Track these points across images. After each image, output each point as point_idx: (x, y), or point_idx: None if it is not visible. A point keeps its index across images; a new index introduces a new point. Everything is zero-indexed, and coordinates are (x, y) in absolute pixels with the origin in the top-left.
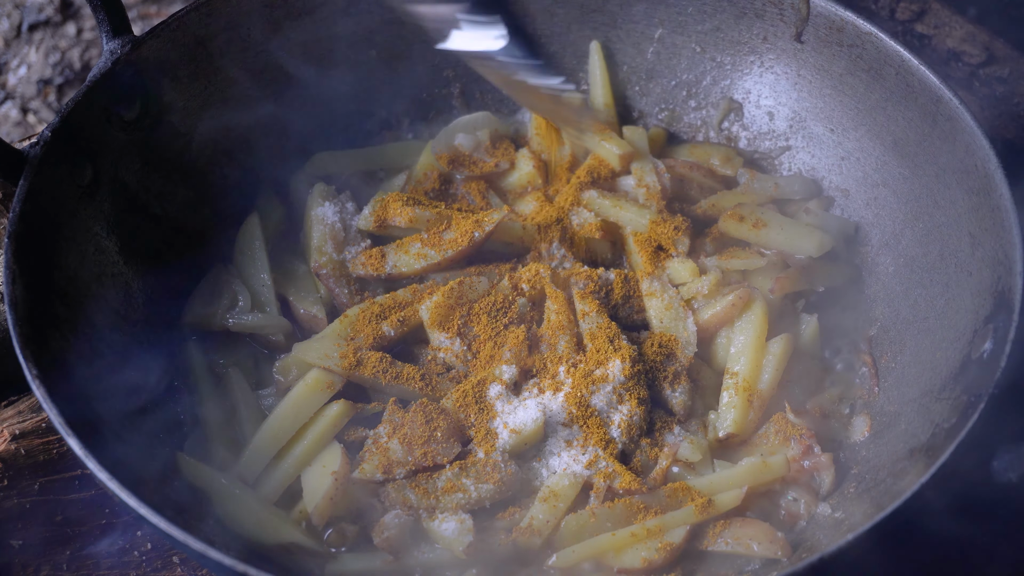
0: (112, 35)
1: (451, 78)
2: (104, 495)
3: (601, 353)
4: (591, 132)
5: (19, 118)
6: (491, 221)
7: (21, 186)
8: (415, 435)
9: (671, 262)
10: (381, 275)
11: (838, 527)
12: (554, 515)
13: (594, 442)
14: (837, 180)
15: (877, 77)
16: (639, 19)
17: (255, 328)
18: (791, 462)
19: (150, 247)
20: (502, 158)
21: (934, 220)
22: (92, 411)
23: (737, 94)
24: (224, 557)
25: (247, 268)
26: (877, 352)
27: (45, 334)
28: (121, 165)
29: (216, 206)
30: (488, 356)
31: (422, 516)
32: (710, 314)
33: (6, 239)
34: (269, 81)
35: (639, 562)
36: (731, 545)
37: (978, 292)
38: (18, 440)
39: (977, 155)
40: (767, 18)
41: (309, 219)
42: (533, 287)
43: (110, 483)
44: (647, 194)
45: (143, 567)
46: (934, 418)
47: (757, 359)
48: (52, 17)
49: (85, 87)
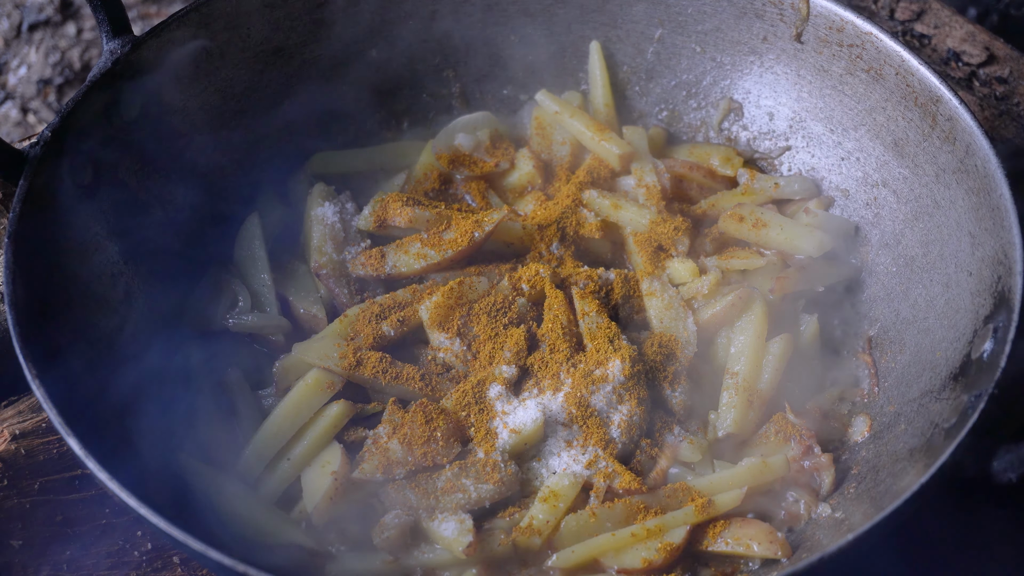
0: (112, 35)
1: (451, 78)
2: (104, 495)
3: (601, 353)
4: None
5: (19, 118)
6: (491, 221)
7: (21, 186)
8: (415, 435)
9: (671, 262)
10: (381, 275)
11: (838, 527)
12: (554, 515)
13: (594, 442)
14: (837, 180)
15: (877, 77)
16: (639, 19)
17: (255, 328)
18: (791, 462)
19: (150, 247)
20: (502, 158)
21: (934, 220)
22: (92, 411)
23: (737, 94)
24: (224, 557)
25: (247, 268)
26: (877, 352)
27: (45, 334)
28: (121, 165)
29: (216, 206)
30: (488, 356)
31: (422, 516)
32: (710, 314)
33: (6, 239)
34: (269, 81)
35: (639, 562)
36: (731, 545)
37: (978, 292)
38: (18, 440)
39: (977, 155)
40: (767, 18)
41: (309, 219)
42: (533, 287)
43: (110, 483)
44: (647, 194)
45: (143, 567)
46: (934, 418)
47: (757, 359)
48: (52, 17)
49: (85, 87)
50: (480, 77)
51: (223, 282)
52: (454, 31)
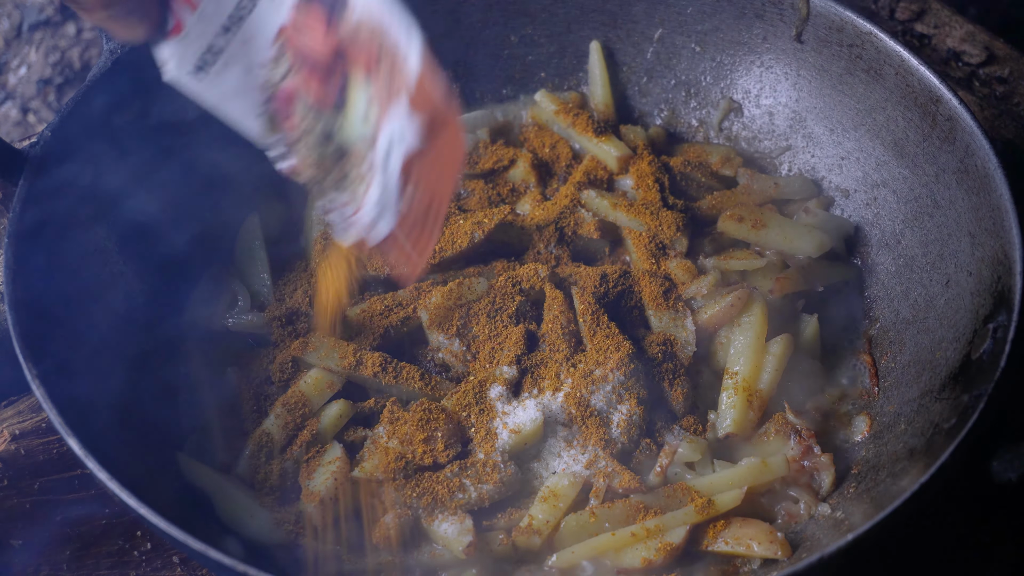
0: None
1: (450, 78)
2: (104, 495)
3: (601, 353)
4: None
5: (19, 118)
6: (490, 221)
7: (21, 186)
8: (415, 435)
9: (670, 262)
10: (381, 275)
11: (838, 527)
12: (554, 515)
13: (594, 442)
14: (837, 180)
15: (877, 77)
16: (639, 19)
17: (255, 328)
18: (791, 462)
19: (150, 247)
20: (501, 158)
21: (934, 220)
22: (92, 411)
23: (737, 94)
24: (224, 557)
25: (247, 268)
26: (877, 352)
27: (45, 334)
28: (121, 165)
29: (216, 206)
30: (488, 356)
31: (422, 516)
32: (710, 314)
33: (6, 239)
34: None
35: (639, 562)
36: (731, 545)
37: (978, 292)
38: (18, 440)
39: (977, 155)
40: (767, 18)
41: (309, 219)
42: (532, 287)
43: (110, 483)
44: (646, 194)
45: (143, 567)
46: (934, 418)
47: (757, 359)
48: (52, 17)
49: (85, 87)
50: (480, 76)
51: (223, 282)
52: (454, 31)
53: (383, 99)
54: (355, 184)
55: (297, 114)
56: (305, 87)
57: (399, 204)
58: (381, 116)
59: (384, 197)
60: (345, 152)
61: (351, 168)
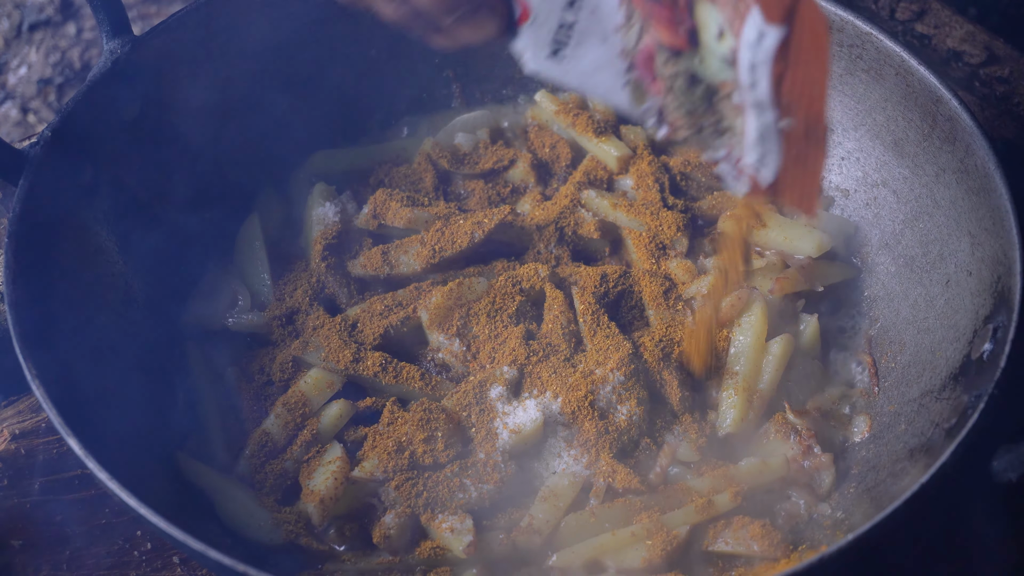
0: (112, 35)
1: (451, 78)
2: (104, 495)
3: (601, 353)
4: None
5: (19, 118)
6: (490, 221)
7: (21, 186)
8: (415, 435)
9: (670, 262)
10: (381, 275)
11: (838, 527)
12: (554, 515)
13: (594, 442)
14: (837, 180)
15: (877, 77)
16: None
17: (255, 328)
18: (791, 462)
19: (150, 247)
20: (501, 157)
21: (934, 220)
22: (92, 412)
23: None
24: (224, 557)
25: (247, 268)
26: (877, 352)
27: (45, 334)
28: (121, 165)
29: (216, 206)
30: (488, 356)
31: (422, 516)
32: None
33: (6, 239)
34: (269, 81)
35: (639, 562)
36: (731, 545)
37: (978, 292)
38: (18, 440)
39: (977, 155)
40: None
41: (309, 219)
42: (532, 287)
43: (110, 483)
44: (646, 194)
45: (143, 567)
46: (934, 418)
47: (757, 359)
48: (52, 17)
49: (85, 87)
50: (480, 77)
51: (223, 282)
52: None
53: (728, 3)
54: (732, 120)
55: (659, 70)
56: (659, 38)
57: (778, 129)
58: (734, 21)
59: (763, 126)
60: (713, 89)
61: (723, 104)
